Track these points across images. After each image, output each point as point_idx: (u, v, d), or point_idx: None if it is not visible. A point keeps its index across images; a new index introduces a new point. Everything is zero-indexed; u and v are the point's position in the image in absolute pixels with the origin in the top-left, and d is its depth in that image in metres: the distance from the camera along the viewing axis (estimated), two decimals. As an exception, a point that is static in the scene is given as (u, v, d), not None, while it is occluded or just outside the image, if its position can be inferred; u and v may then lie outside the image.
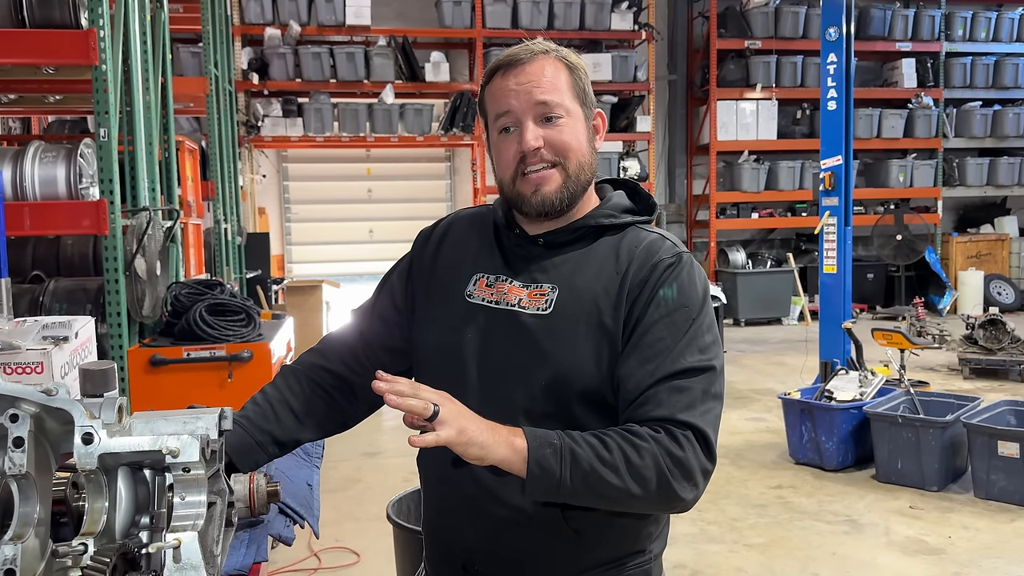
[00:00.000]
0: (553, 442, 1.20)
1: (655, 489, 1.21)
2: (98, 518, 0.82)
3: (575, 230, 1.37)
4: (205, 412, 0.90)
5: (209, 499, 0.86)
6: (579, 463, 1.19)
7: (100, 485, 0.83)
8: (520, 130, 1.32)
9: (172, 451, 0.82)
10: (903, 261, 10.50)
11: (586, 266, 1.34)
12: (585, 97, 1.37)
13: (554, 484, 1.19)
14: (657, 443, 1.21)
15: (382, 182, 10.46)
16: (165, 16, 4.78)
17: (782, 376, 7.32)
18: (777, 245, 11.87)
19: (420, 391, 1.16)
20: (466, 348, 1.34)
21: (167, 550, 0.79)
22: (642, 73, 10.23)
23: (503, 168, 1.35)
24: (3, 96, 4.57)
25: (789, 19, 10.68)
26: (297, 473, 1.56)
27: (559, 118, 1.33)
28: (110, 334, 3.61)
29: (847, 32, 5.66)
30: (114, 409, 0.87)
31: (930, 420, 4.49)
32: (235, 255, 7.10)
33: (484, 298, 1.37)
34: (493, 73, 1.36)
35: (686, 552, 3.80)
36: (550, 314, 1.31)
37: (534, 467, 1.18)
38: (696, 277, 1.34)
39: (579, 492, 1.20)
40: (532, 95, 1.31)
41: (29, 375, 1.55)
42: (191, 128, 8.98)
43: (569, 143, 1.33)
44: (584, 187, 1.37)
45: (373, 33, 9.64)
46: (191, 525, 0.82)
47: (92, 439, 0.82)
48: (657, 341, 1.27)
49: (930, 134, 11.21)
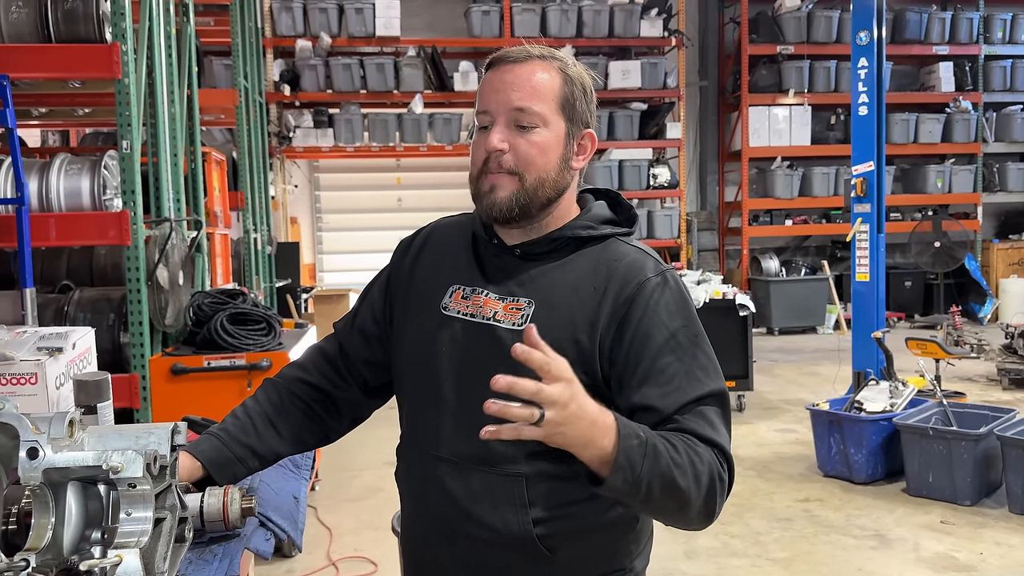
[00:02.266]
0: (640, 434, 1.13)
1: (704, 498, 1.17)
2: (43, 533, 0.81)
3: (552, 240, 1.34)
4: (158, 427, 0.89)
5: (158, 515, 0.85)
6: (659, 460, 1.13)
7: (46, 500, 0.82)
8: (491, 129, 1.29)
9: (113, 467, 0.81)
10: (942, 269, 10.26)
11: (563, 280, 1.31)
12: (574, 112, 1.31)
13: (635, 479, 1.11)
14: (711, 455, 1.20)
15: (412, 191, 10.51)
16: (191, 29, 4.86)
17: (814, 386, 7.19)
18: (812, 252, 11.69)
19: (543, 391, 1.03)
20: (440, 361, 1.32)
21: (108, 567, 0.78)
22: (672, 80, 10.16)
23: (472, 165, 1.32)
24: (35, 109, 4.67)
25: (822, 24, 10.52)
26: (284, 486, 1.55)
27: (533, 128, 1.28)
28: (132, 343, 3.66)
29: (878, 36, 5.56)
30: (64, 423, 0.86)
31: (962, 432, 4.36)
32: (265, 264, 7.18)
33: (459, 311, 1.34)
34: (488, 67, 1.33)
35: (707, 566, 3.73)
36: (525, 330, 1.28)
37: (622, 458, 1.10)
38: (684, 292, 1.32)
39: (653, 492, 1.13)
40: (510, 99, 1.27)
41: (23, 386, 1.56)
42: (224, 139, 9.11)
43: (532, 157, 1.28)
44: (542, 204, 1.31)
45: (403, 44, 9.70)
46: (135, 542, 0.81)
47: (37, 454, 0.82)
48: (667, 367, 1.24)
49: (969, 139, 10.96)
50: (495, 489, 1.27)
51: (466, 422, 1.27)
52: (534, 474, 1.26)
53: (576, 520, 1.28)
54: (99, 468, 0.82)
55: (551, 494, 1.26)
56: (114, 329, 3.77)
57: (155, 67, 4.01)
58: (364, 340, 1.48)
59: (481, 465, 1.27)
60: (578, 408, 1.08)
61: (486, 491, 1.27)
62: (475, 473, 1.28)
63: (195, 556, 1.23)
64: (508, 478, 1.26)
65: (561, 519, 1.27)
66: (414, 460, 1.37)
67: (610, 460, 1.11)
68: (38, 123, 5.92)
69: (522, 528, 1.26)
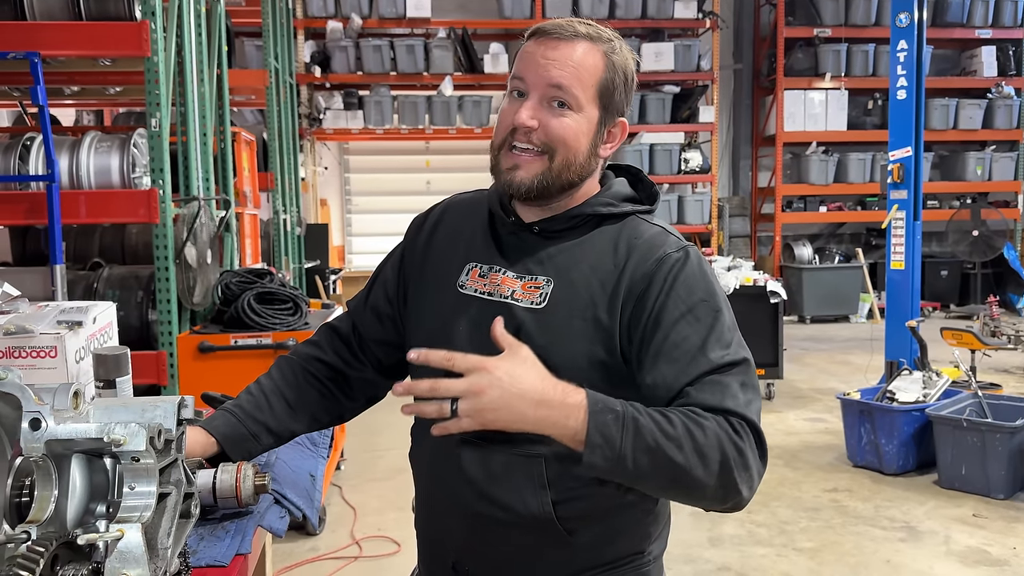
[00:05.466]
0: (615, 408, 1.10)
1: (717, 472, 1.11)
2: (45, 506, 0.80)
3: (571, 218, 1.30)
4: (165, 401, 0.88)
5: (162, 490, 0.84)
6: (642, 434, 1.09)
7: (49, 472, 0.81)
8: (524, 101, 1.25)
9: (116, 440, 0.80)
10: (979, 258, 10.03)
11: (582, 258, 1.27)
12: (611, 101, 1.27)
13: (615, 455, 1.08)
14: (719, 426, 1.13)
15: (440, 174, 10.49)
16: (222, 8, 4.85)
17: (845, 376, 7.08)
18: (846, 240, 11.49)
19: (439, 385, 1.08)
20: (457, 340, 1.28)
21: (109, 542, 0.77)
22: (706, 62, 10.00)
23: (497, 131, 1.28)
24: (67, 88, 4.70)
25: (861, 6, 10.29)
26: (300, 463, 1.54)
27: (568, 108, 1.24)
28: (160, 320, 3.69)
29: (919, 18, 5.41)
30: (68, 395, 0.85)
31: (997, 424, 4.27)
32: (294, 245, 7.21)
33: (477, 289, 1.31)
34: (531, 36, 1.28)
35: (732, 554, 3.69)
36: (544, 308, 1.25)
37: (595, 435, 1.08)
38: (707, 269, 1.27)
39: (641, 467, 1.09)
40: (551, 74, 1.22)
41: (43, 359, 1.56)
42: (255, 120, 9.14)
43: (565, 136, 1.24)
44: (563, 187, 1.28)
45: (433, 25, 9.65)
46: (137, 516, 0.80)
47: (39, 425, 0.81)
48: (683, 340, 1.19)
49: (1011, 125, 10.68)
50: (514, 469, 1.24)
51: None
52: (552, 455, 1.23)
53: (594, 502, 1.26)
54: (102, 441, 0.81)
55: (569, 475, 1.23)
56: (143, 306, 3.80)
57: (185, 46, 4.01)
58: (377, 319, 1.46)
59: (500, 445, 1.24)
60: (504, 393, 1.07)
61: (505, 471, 1.25)
62: (494, 453, 1.25)
63: (207, 532, 1.22)
64: (528, 459, 1.24)
65: (579, 500, 1.25)
66: (428, 439, 1.34)
67: (581, 438, 1.09)
68: (71, 102, 5.98)
69: (542, 509, 1.24)
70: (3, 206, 3.59)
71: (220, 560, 1.12)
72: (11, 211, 3.56)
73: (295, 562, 3.63)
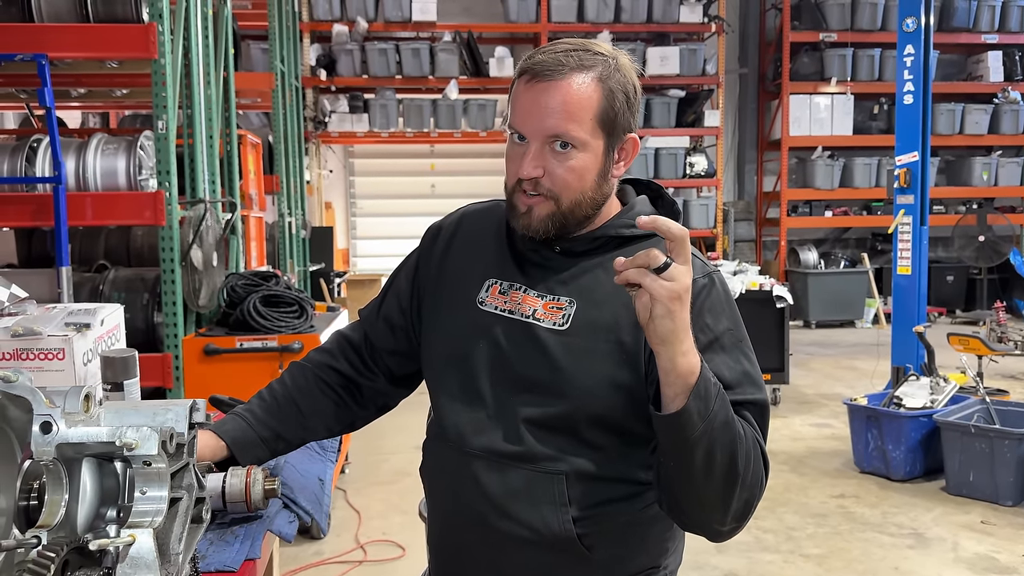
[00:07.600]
0: (711, 378, 1.11)
1: (749, 483, 1.13)
2: (56, 510, 0.79)
3: (593, 239, 1.29)
4: (176, 404, 0.87)
5: (174, 495, 0.82)
6: (726, 406, 1.11)
7: (59, 476, 0.80)
8: (526, 150, 1.22)
9: (127, 444, 0.79)
10: (985, 263, 10.00)
11: (605, 279, 1.23)
12: (614, 126, 1.23)
13: (706, 413, 1.07)
14: (752, 429, 1.17)
15: (445, 177, 10.48)
16: (228, 11, 4.86)
17: (851, 381, 7.05)
18: (852, 245, 11.47)
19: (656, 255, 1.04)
20: (478, 358, 1.27)
21: (120, 547, 0.76)
22: (711, 66, 10.00)
23: (507, 174, 1.27)
24: (73, 90, 4.70)
25: (867, 10, 10.28)
26: (309, 468, 1.53)
27: (572, 149, 1.21)
28: (166, 323, 3.68)
29: (926, 22, 5.40)
30: (79, 398, 0.84)
31: (1005, 431, 4.24)
32: (299, 248, 7.21)
33: (497, 306, 1.29)
34: (521, 74, 1.23)
35: (739, 561, 3.67)
36: (567, 330, 1.23)
37: (702, 386, 1.07)
38: (729, 294, 1.27)
39: (714, 440, 1.09)
40: (545, 125, 1.19)
41: (50, 361, 1.55)
42: (260, 123, 9.14)
43: (568, 182, 1.22)
44: (579, 221, 1.26)
45: (439, 28, 9.66)
46: (149, 521, 0.79)
47: (50, 428, 0.80)
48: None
49: (1017, 130, 10.65)
50: (535, 487, 1.23)
51: (503, 420, 1.23)
52: (573, 473, 1.22)
53: (613, 519, 1.25)
54: (113, 444, 0.80)
55: (590, 493, 1.23)
56: (148, 309, 3.79)
57: (192, 48, 4.01)
58: (390, 330, 1.44)
59: (521, 463, 1.23)
60: (685, 304, 1.06)
61: (525, 489, 1.23)
62: (514, 471, 1.24)
63: (216, 537, 1.21)
64: (548, 476, 1.22)
65: (599, 518, 1.24)
66: (445, 455, 1.33)
67: (693, 383, 1.07)
68: (78, 104, 5.98)
69: (562, 527, 1.22)
70: (10, 208, 3.59)
71: (230, 565, 1.11)
72: (18, 213, 3.57)
73: (300, 566, 3.61)
